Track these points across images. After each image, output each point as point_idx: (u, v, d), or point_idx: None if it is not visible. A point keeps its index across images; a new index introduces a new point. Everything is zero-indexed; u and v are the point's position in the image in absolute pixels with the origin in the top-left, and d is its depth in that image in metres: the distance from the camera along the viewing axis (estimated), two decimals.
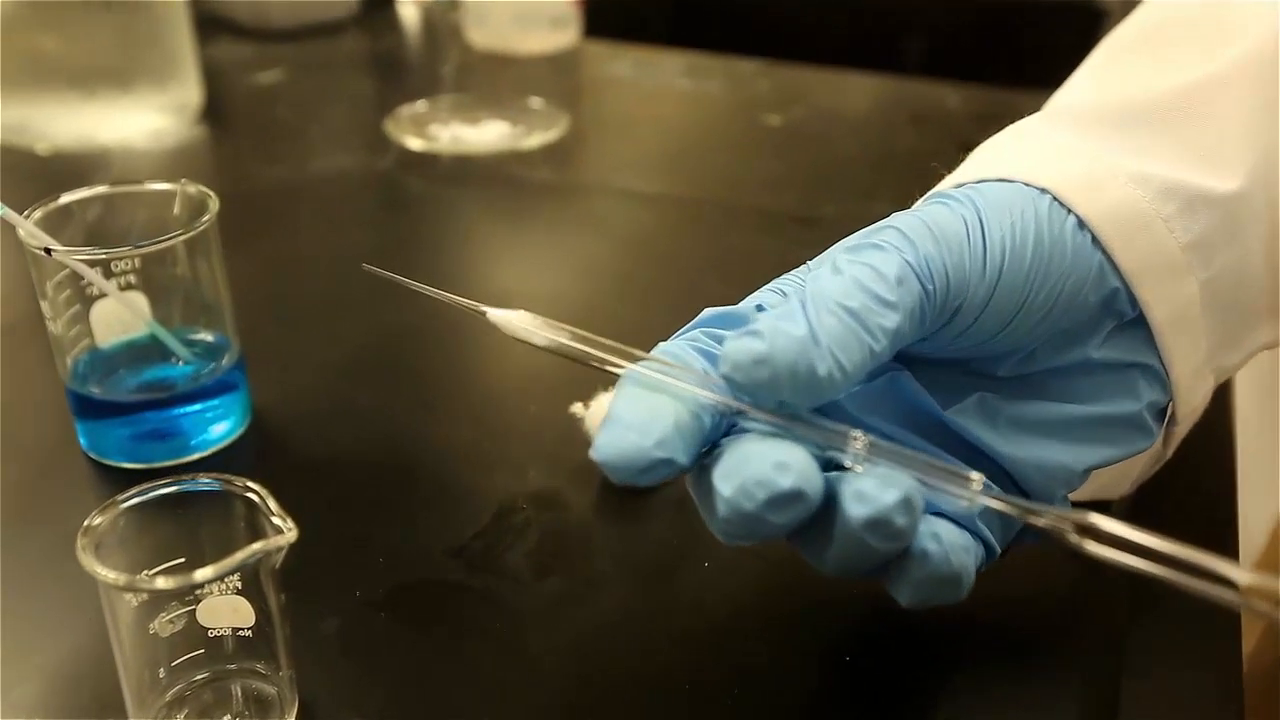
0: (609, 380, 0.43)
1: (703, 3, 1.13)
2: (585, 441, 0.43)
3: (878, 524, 0.27)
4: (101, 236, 0.44)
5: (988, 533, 0.31)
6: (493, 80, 0.89)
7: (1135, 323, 0.33)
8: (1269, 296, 0.35)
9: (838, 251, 0.31)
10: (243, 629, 0.32)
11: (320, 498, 0.43)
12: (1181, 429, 0.36)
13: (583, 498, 0.43)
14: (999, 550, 0.32)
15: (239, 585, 0.32)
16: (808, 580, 0.39)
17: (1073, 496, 0.38)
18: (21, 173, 0.71)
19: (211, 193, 0.43)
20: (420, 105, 0.79)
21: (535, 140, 0.74)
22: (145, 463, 0.44)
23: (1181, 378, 0.34)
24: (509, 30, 0.92)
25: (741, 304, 0.32)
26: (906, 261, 0.30)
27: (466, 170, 0.72)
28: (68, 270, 0.42)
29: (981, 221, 0.31)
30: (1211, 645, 0.36)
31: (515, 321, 0.31)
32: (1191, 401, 0.35)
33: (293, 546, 0.30)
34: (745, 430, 0.29)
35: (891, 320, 0.29)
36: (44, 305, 0.42)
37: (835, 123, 0.80)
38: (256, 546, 0.30)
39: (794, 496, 0.26)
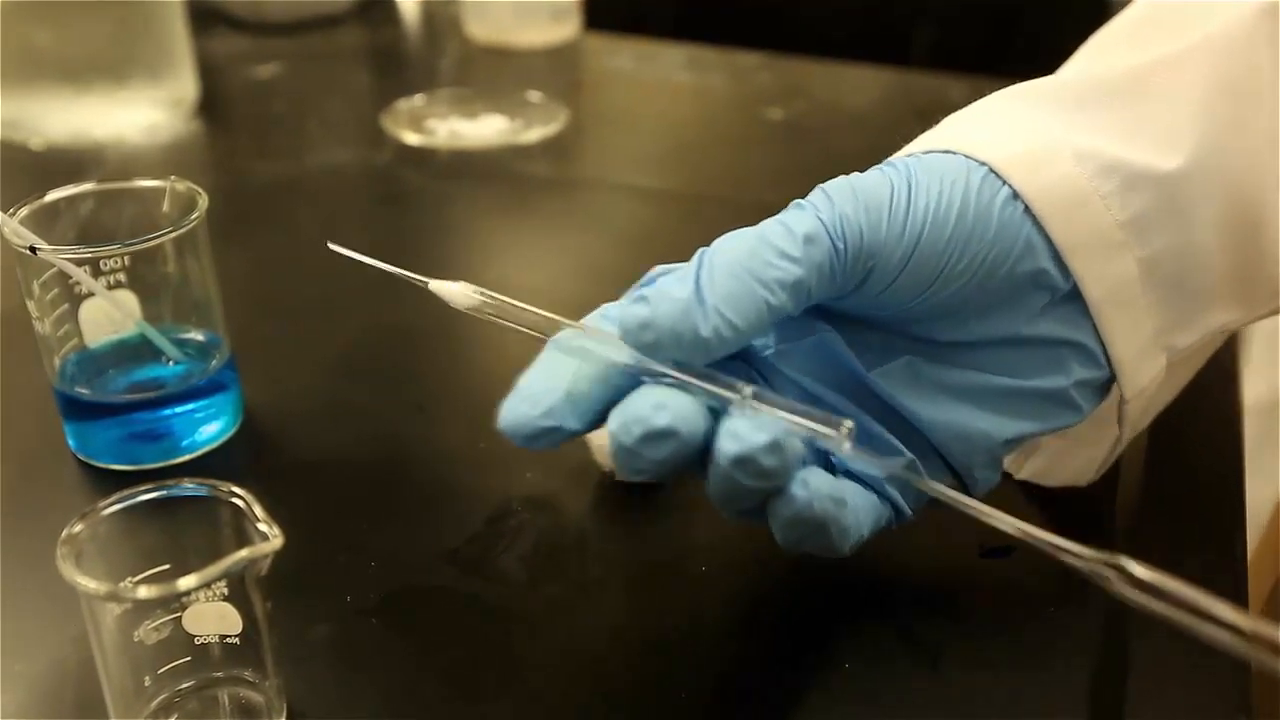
0: None
1: None
2: (581, 444, 0.42)
3: (745, 461, 0.29)
4: (91, 234, 0.43)
5: (896, 495, 0.33)
6: (492, 74, 0.88)
7: (1071, 299, 0.34)
8: (1223, 277, 0.35)
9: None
10: (230, 636, 0.32)
11: (312, 500, 0.42)
12: (1133, 408, 0.36)
13: (578, 501, 0.42)
14: (909, 513, 0.34)
15: (225, 592, 0.31)
16: (804, 585, 0.38)
17: (1040, 481, 0.40)
18: (16, 168, 0.70)
19: (201, 190, 0.43)
20: (418, 100, 0.78)
21: (534, 134, 0.73)
22: (135, 464, 0.43)
23: (1125, 355, 0.34)
24: (509, 23, 0.91)
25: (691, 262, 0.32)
26: (820, 219, 0.31)
27: (464, 165, 0.71)
28: (55, 269, 0.41)
29: (910, 187, 0.32)
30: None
31: (456, 292, 0.33)
32: (1138, 381, 0.35)
33: (283, 550, 0.30)
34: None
35: (792, 275, 0.30)
36: (30, 305, 0.42)
37: (838, 116, 0.79)
38: (242, 554, 0.29)
39: (667, 433, 0.29)
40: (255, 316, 0.53)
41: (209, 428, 0.44)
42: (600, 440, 0.42)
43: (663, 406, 0.29)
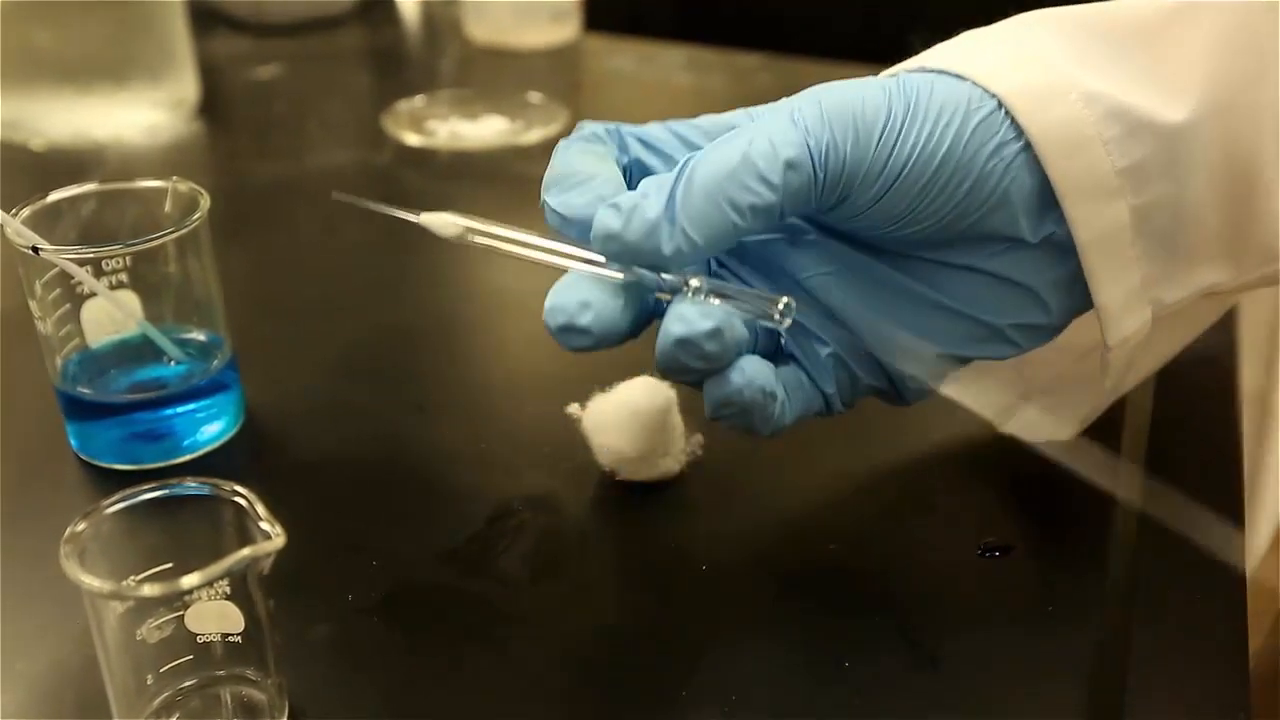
0: (606, 381, 0.43)
1: None
2: (582, 443, 0.43)
3: (687, 343, 0.32)
4: (93, 234, 0.43)
5: (830, 388, 0.36)
6: (492, 75, 0.88)
7: (1035, 246, 0.34)
8: (1215, 235, 0.35)
9: (773, 106, 0.34)
10: (232, 635, 0.32)
11: (313, 499, 0.42)
12: (1117, 357, 0.36)
13: (578, 501, 0.42)
14: (840, 407, 0.37)
15: (228, 591, 0.31)
16: (805, 585, 0.38)
17: (1024, 436, 0.42)
18: (16, 169, 0.70)
19: (202, 190, 0.43)
20: (418, 100, 0.78)
21: (534, 135, 0.73)
22: (137, 464, 0.43)
23: (1110, 302, 0.35)
24: (509, 24, 0.91)
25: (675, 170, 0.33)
26: (808, 144, 0.32)
27: (465, 166, 0.71)
28: (57, 269, 0.41)
29: (905, 119, 0.33)
30: (1217, 643, 0.36)
31: (443, 222, 0.35)
32: (1122, 329, 0.35)
33: (284, 549, 0.30)
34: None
35: (766, 200, 0.32)
36: (32, 305, 0.42)
37: None
38: (244, 552, 0.29)
39: (583, 331, 0.32)
40: (255, 317, 0.53)
41: (210, 427, 0.44)
42: (599, 441, 0.42)
43: (587, 306, 0.32)
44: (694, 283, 0.32)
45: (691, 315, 0.32)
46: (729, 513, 0.42)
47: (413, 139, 0.73)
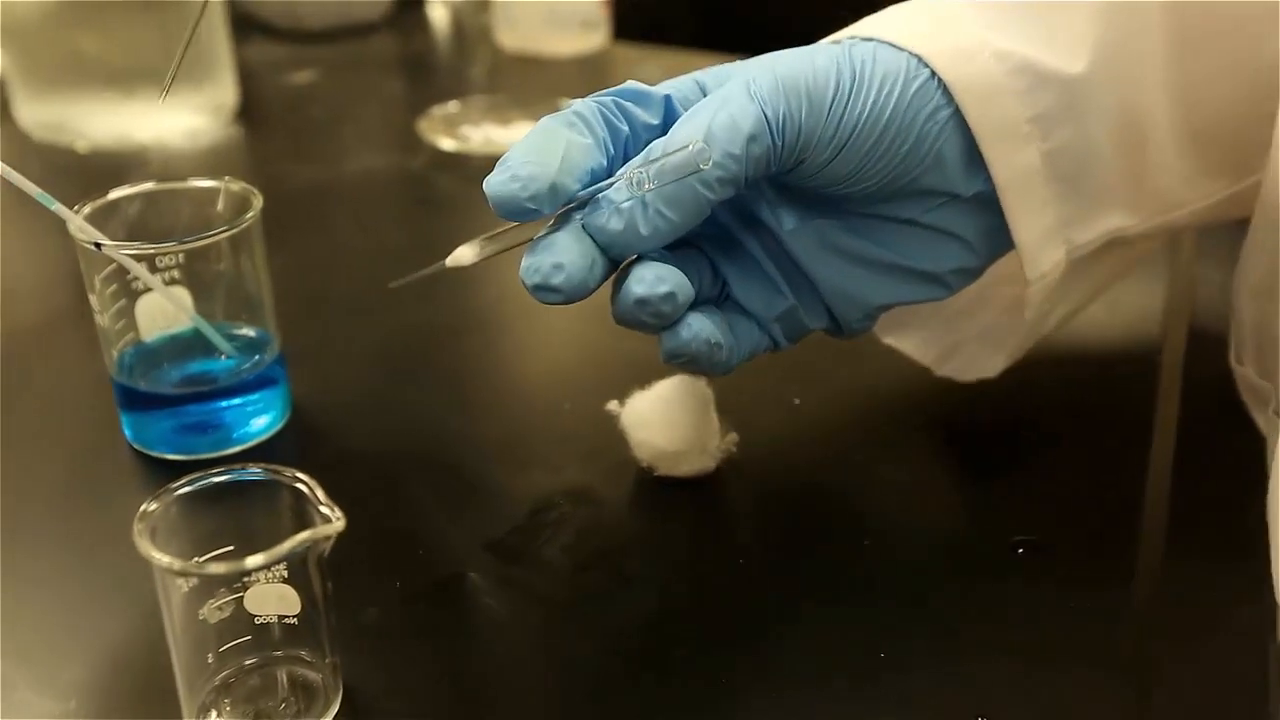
0: (645, 379, 0.44)
1: (727, 5, 1.14)
2: (620, 439, 0.44)
3: (645, 302, 0.35)
4: (145, 232, 0.44)
5: (777, 331, 0.40)
6: (522, 82, 0.89)
7: (964, 201, 0.38)
8: (1117, 181, 0.40)
9: (727, 71, 0.37)
10: (289, 617, 0.33)
11: (358, 492, 0.43)
12: (1035, 291, 0.40)
13: (618, 494, 0.43)
14: (785, 343, 0.40)
15: (285, 574, 0.32)
16: (841, 579, 0.39)
17: (957, 377, 0.46)
18: (61, 170, 0.72)
19: (255, 190, 0.44)
20: (452, 106, 0.79)
21: None
22: (189, 454, 0.45)
23: (1027, 239, 0.39)
24: (539, 32, 0.92)
25: (657, 86, 0.37)
26: (765, 117, 0.34)
27: None
28: (114, 265, 0.42)
29: (851, 88, 0.36)
30: (1244, 634, 0.36)
31: (465, 255, 0.36)
32: (1040, 265, 0.40)
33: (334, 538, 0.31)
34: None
35: (731, 172, 0.34)
36: (92, 299, 0.43)
37: None
38: (306, 535, 0.31)
39: (555, 290, 0.34)
40: (298, 314, 0.54)
41: (259, 420, 0.46)
42: (638, 437, 0.43)
43: (560, 269, 0.34)
44: (629, 176, 0.34)
45: (649, 278, 0.35)
46: (764, 509, 0.43)
47: (447, 144, 0.74)
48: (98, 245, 0.41)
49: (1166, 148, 0.40)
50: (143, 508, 0.31)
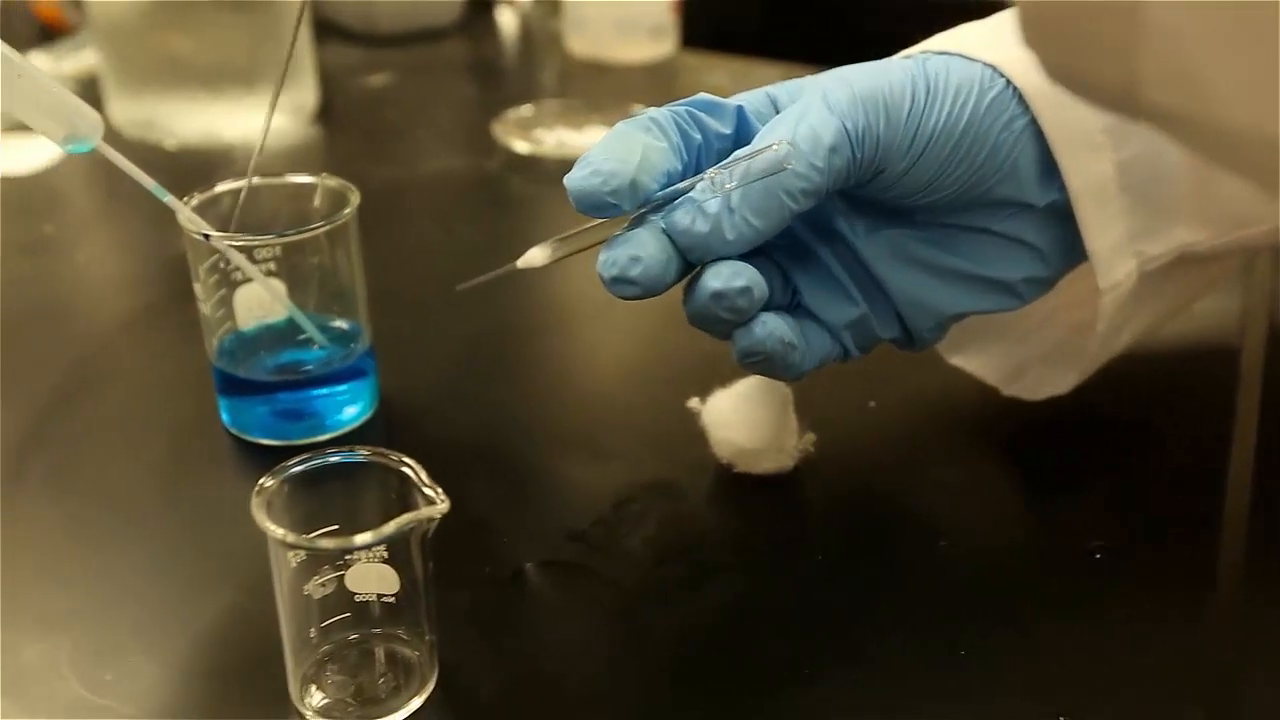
0: (725, 378, 0.45)
1: (793, 13, 1.14)
2: (700, 436, 0.45)
3: (721, 295, 0.35)
4: (239, 225, 0.46)
5: (848, 339, 0.40)
6: (590, 87, 0.90)
7: (1038, 210, 0.39)
8: (1188, 195, 0.40)
9: (813, 92, 0.37)
10: (387, 596, 0.34)
11: (446, 481, 0.44)
12: (1107, 302, 0.41)
13: (697, 489, 0.44)
14: (856, 353, 0.40)
15: (385, 554, 0.33)
16: (918, 578, 0.40)
17: (1025, 396, 0.46)
18: (150, 166, 0.73)
19: (352, 186, 0.46)
20: (526, 109, 0.81)
21: None
22: (282, 440, 0.46)
23: (1100, 248, 0.39)
24: (608, 39, 0.93)
25: (731, 98, 0.38)
26: (845, 130, 0.35)
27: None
28: (216, 255, 0.44)
29: (927, 100, 0.37)
30: None
31: (537, 257, 0.36)
32: (1112, 275, 0.40)
33: None
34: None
35: (814, 183, 0.35)
36: (197, 288, 0.45)
37: None
38: (411, 515, 0.32)
39: (633, 283, 0.35)
40: (381, 309, 0.56)
41: (349, 409, 0.47)
42: (718, 434, 0.44)
43: (638, 261, 0.35)
44: (712, 175, 0.35)
45: (726, 273, 0.35)
46: (841, 508, 0.44)
47: (521, 146, 0.75)
48: (206, 236, 0.43)
49: None
50: (260, 483, 0.32)
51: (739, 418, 0.44)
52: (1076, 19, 0.23)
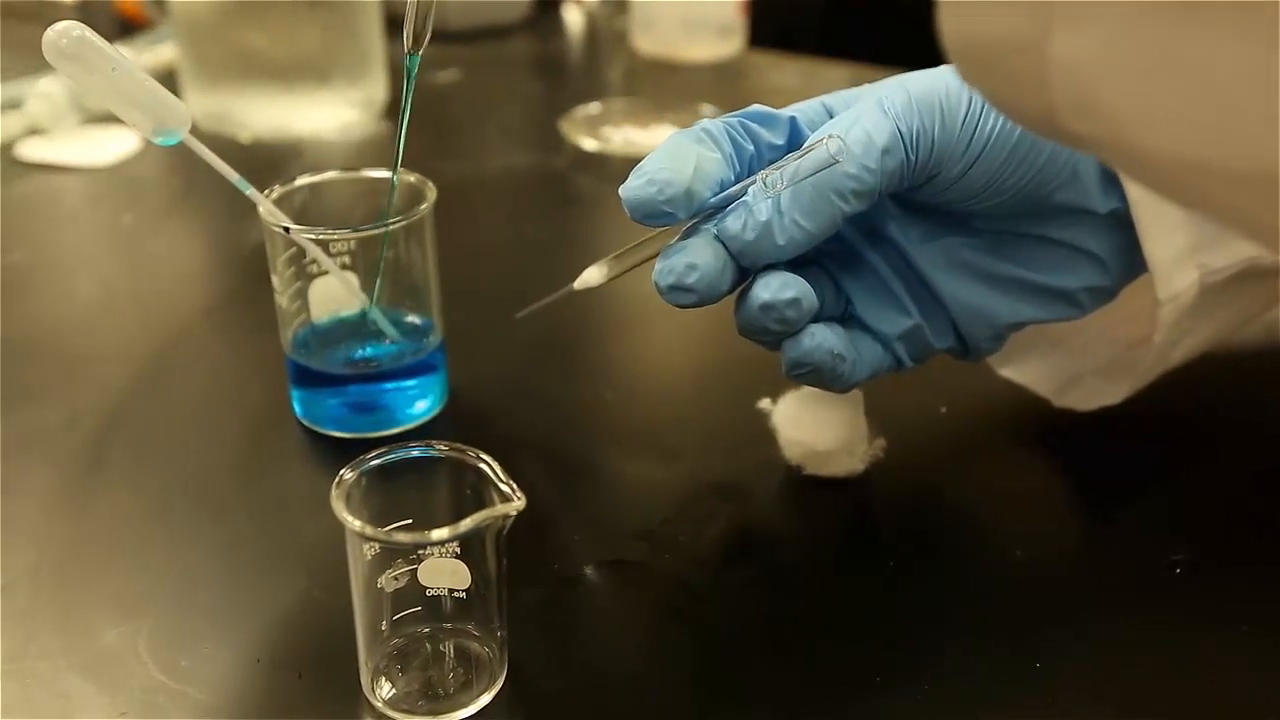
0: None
1: (860, 13, 1.13)
2: (769, 437, 0.44)
3: (770, 307, 0.35)
4: (309, 218, 0.46)
5: (901, 350, 0.39)
6: (658, 86, 0.90)
7: (1099, 218, 0.38)
8: None
9: (858, 93, 0.37)
10: (459, 591, 0.34)
11: (516, 478, 0.45)
12: (1166, 313, 0.40)
13: (766, 491, 0.44)
14: (909, 364, 0.40)
15: (457, 550, 0.34)
16: (992, 588, 0.39)
17: (1078, 407, 0.45)
18: (224, 159, 0.75)
19: (430, 182, 0.46)
20: (593, 107, 0.81)
21: None
22: (353, 433, 0.47)
23: (1160, 259, 0.39)
24: (676, 37, 0.93)
25: (784, 109, 0.38)
26: (899, 131, 0.35)
27: None
28: (294, 248, 0.45)
29: (984, 104, 0.36)
30: None
31: (594, 277, 0.37)
32: (1173, 286, 0.39)
33: None
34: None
35: (867, 184, 0.35)
36: (274, 279, 0.45)
37: None
38: (487, 512, 0.32)
39: (689, 290, 0.35)
40: (450, 305, 0.56)
41: (420, 404, 0.47)
42: (789, 436, 0.44)
43: (694, 268, 0.35)
44: (764, 176, 0.35)
45: (775, 284, 0.35)
46: (912, 513, 0.43)
47: (589, 144, 0.76)
48: (286, 229, 0.43)
49: None
50: (339, 475, 0.32)
51: (810, 419, 0.43)
52: (995, 54, 0.23)
